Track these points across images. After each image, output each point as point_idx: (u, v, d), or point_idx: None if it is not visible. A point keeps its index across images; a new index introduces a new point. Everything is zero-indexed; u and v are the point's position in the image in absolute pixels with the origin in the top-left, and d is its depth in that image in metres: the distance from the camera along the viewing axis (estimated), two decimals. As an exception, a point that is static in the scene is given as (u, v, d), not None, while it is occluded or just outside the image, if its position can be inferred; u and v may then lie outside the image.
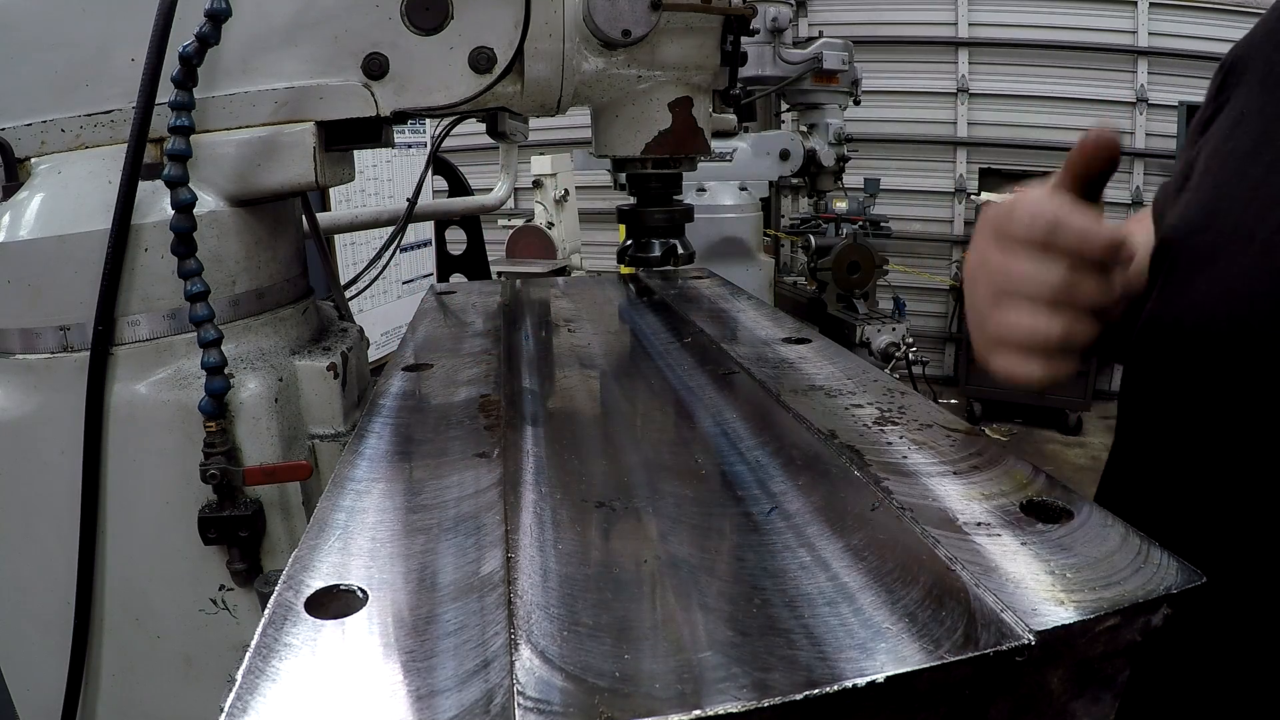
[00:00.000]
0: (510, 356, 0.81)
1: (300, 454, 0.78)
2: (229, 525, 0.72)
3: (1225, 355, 0.52)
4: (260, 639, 0.35)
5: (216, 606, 0.76)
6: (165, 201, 0.69)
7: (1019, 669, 0.34)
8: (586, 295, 1.14)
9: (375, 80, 0.76)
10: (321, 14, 0.74)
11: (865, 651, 0.33)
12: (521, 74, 0.84)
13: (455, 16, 0.76)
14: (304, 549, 0.43)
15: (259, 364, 0.76)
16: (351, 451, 0.57)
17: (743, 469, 0.53)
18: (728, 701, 0.30)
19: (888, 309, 4.84)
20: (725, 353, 0.79)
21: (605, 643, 0.34)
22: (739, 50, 1.02)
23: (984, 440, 0.56)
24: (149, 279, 0.71)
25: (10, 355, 0.72)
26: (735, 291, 1.11)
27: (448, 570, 0.41)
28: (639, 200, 1.09)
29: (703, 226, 2.28)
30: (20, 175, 0.74)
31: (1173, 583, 0.37)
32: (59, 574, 0.73)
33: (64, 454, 0.71)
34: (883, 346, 4.07)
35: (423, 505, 0.48)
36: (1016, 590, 0.37)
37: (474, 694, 0.31)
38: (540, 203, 5.07)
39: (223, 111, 0.74)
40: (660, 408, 0.68)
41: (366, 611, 0.37)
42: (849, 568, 0.40)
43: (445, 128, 1.54)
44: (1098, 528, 0.43)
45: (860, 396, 0.66)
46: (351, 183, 0.89)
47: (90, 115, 0.74)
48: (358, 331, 0.93)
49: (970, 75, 5.81)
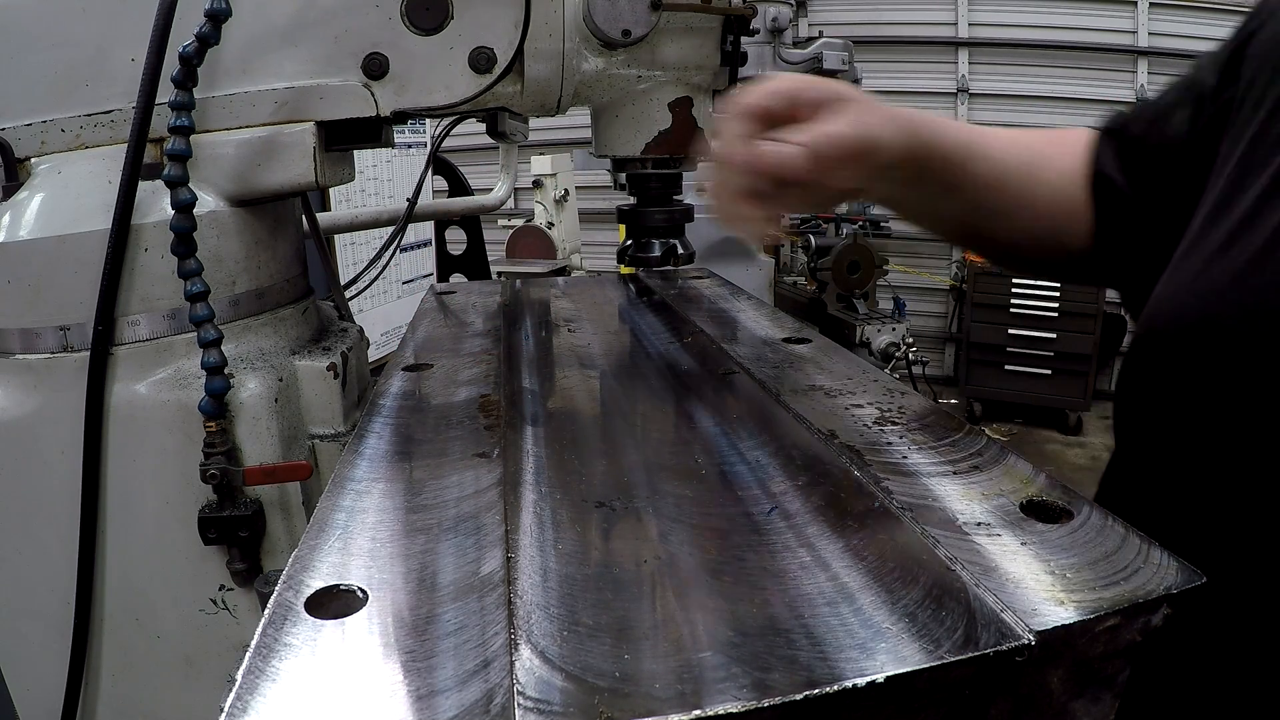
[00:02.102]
0: (510, 356, 0.81)
1: (300, 454, 0.78)
2: (229, 525, 0.72)
3: (1194, 353, 0.52)
4: (260, 639, 0.35)
5: (216, 606, 0.76)
6: (165, 201, 0.69)
7: (1019, 669, 0.34)
8: (586, 295, 1.14)
9: (375, 80, 0.76)
10: (321, 14, 0.74)
11: (865, 651, 0.33)
12: (521, 74, 0.84)
13: (455, 16, 0.76)
14: (304, 549, 0.43)
15: (259, 364, 0.76)
16: (351, 451, 0.57)
17: (743, 469, 0.53)
18: (728, 701, 0.30)
19: (888, 309, 4.84)
20: (725, 353, 0.79)
21: (605, 643, 0.34)
22: (739, 50, 1.02)
23: (984, 440, 0.56)
24: (149, 279, 0.71)
25: (10, 355, 0.72)
26: (735, 291, 1.11)
27: (448, 570, 0.41)
28: (639, 200, 1.09)
29: (703, 226, 2.28)
30: (20, 175, 0.74)
31: (1173, 583, 0.37)
32: (59, 574, 0.73)
33: (64, 454, 0.71)
34: (883, 346, 4.07)
35: (423, 505, 0.48)
36: (1016, 590, 0.37)
37: (474, 694, 0.31)
38: (540, 203, 5.07)
39: (223, 111, 0.74)
40: (660, 408, 0.68)
41: (366, 611, 0.37)
42: (849, 568, 0.40)
43: (445, 128, 1.54)
44: (1098, 528, 0.43)
45: (860, 396, 0.66)
46: (351, 183, 0.89)
47: (90, 115, 0.74)
48: (358, 331, 0.93)
49: (970, 75, 5.81)
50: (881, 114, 0.61)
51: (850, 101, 0.60)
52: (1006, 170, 0.68)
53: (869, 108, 0.61)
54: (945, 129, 0.66)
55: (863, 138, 0.59)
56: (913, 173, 0.64)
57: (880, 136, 0.60)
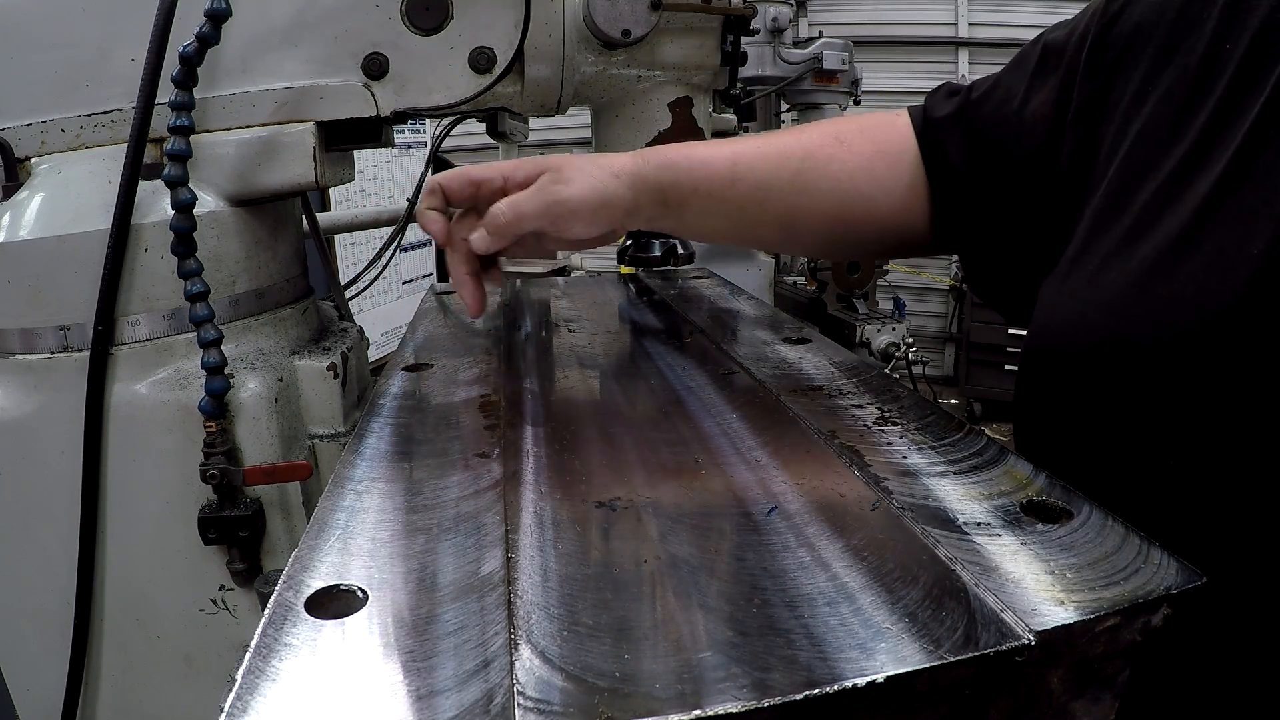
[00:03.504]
0: (510, 356, 0.81)
1: (300, 454, 0.78)
2: (229, 525, 0.72)
3: (1105, 371, 0.50)
4: (260, 639, 0.35)
5: (216, 606, 0.76)
6: (165, 201, 0.69)
7: (1019, 669, 0.34)
8: (586, 295, 1.14)
9: (375, 80, 0.76)
10: (321, 14, 0.75)
11: (865, 651, 0.33)
12: (521, 74, 0.84)
13: (455, 16, 0.76)
14: (304, 549, 0.43)
15: (259, 364, 0.76)
16: (351, 451, 0.57)
17: (743, 469, 0.53)
18: (728, 701, 0.30)
19: (888, 309, 4.84)
20: (725, 353, 0.79)
21: (605, 643, 0.34)
22: (739, 50, 1.03)
23: (984, 440, 0.56)
24: (149, 279, 0.71)
25: (10, 355, 0.72)
26: (735, 291, 1.11)
27: (448, 570, 0.41)
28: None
29: (703, 226, 2.26)
30: (20, 175, 0.74)
31: (1173, 583, 0.37)
32: (59, 574, 0.73)
33: (64, 454, 0.71)
34: (883, 346, 4.07)
35: (423, 505, 0.48)
36: (1016, 590, 0.37)
37: (474, 694, 0.31)
38: (540, 203, 5.06)
39: (223, 111, 0.75)
40: (660, 408, 0.68)
41: (366, 611, 0.37)
42: (849, 568, 0.40)
43: (445, 128, 1.54)
44: (1098, 527, 0.43)
45: (860, 396, 0.66)
46: (351, 183, 0.90)
47: (90, 115, 0.74)
48: (358, 331, 0.93)
49: (970, 75, 5.79)
50: (598, 170, 0.67)
51: (561, 169, 0.67)
52: (776, 184, 0.70)
53: (580, 169, 0.67)
54: (692, 160, 0.70)
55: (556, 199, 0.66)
56: (656, 211, 0.70)
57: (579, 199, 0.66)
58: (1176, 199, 0.49)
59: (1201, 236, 0.47)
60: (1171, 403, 0.47)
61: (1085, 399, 0.52)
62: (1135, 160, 0.54)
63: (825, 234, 0.72)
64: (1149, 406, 0.48)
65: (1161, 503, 0.47)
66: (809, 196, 0.70)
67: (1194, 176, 0.49)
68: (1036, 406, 0.58)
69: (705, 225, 0.73)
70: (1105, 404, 0.51)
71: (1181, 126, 0.51)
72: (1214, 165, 0.48)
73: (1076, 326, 0.53)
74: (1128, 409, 0.49)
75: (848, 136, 0.72)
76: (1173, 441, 0.47)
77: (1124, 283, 0.50)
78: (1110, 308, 0.51)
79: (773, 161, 0.70)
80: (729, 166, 0.69)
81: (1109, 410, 0.51)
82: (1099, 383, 0.51)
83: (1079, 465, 0.51)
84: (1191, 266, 0.47)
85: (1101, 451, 0.52)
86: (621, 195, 0.67)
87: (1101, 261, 0.53)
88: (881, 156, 0.70)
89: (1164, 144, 0.52)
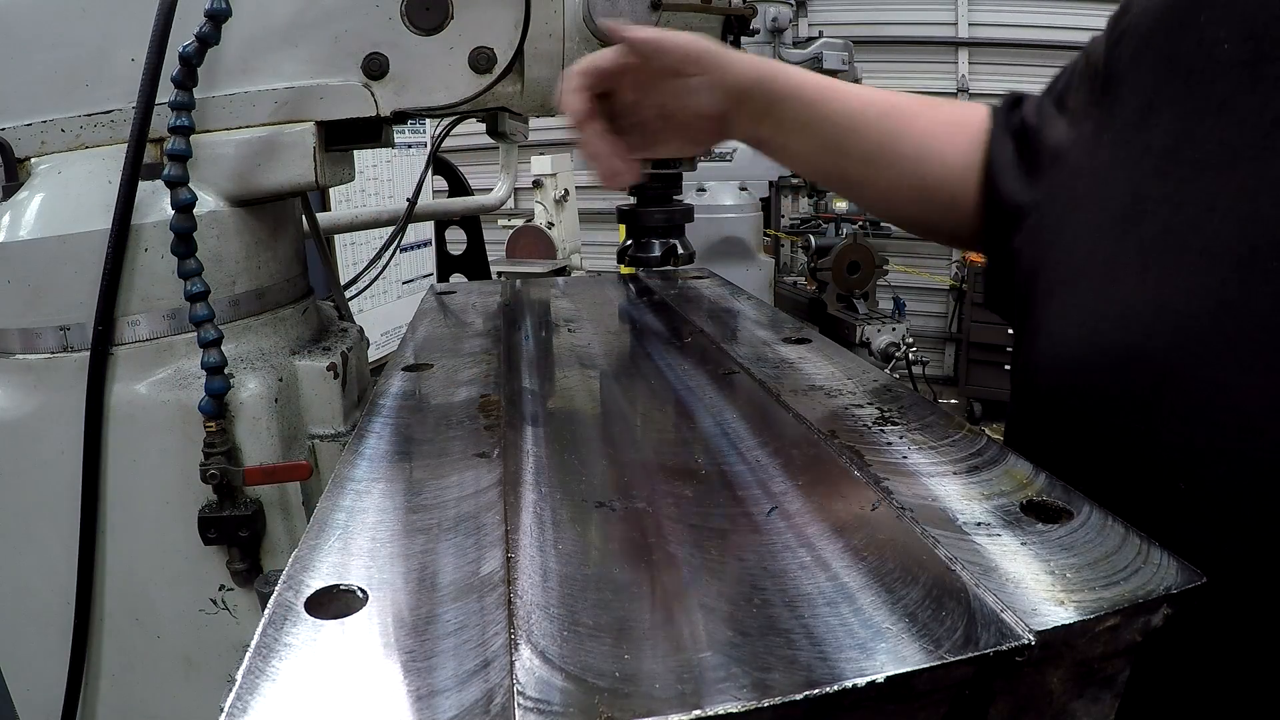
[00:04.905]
0: (510, 356, 0.81)
1: (300, 454, 0.78)
2: (229, 525, 0.72)
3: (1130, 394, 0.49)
4: (260, 639, 0.35)
5: (216, 606, 0.76)
6: (165, 201, 0.69)
7: (1019, 669, 0.34)
8: (586, 295, 1.14)
9: (375, 80, 0.77)
10: (321, 14, 0.75)
11: (865, 651, 0.33)
12: (521, 74, 0.84)
13: (455, 16, 0.76)
14: (304, 549, 0.43)
15: (259, 364, 0.76)
16: (351, 451, 0.57)
17: (743, 469, 0.53)
18: (728, 701, 0.30)
19: (888, 309, 4.85)
20: (725, 353, 0.79)
21: (605, 643, 0.34)
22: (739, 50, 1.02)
23: (984, 440, 0.56)
24: (149, 279, 0.71)
25: (10, 355, 0.72)
26: (735, 291, 1.11)
27: (448, 570, 0.41)
28: (638, 200, 1.09)
29: (703, 226, 2.27)
30: (20, 175, 0.74)
31: (1173, 583, 0.37)
32: (59, 574, 0.73)
33: (64, 454, 0.71)
34: (883, 346, 4.08)
35: (423, 505, 0.48)
36: (1016, 590, 0.37)
37: (474, 694, 0.31)
38: (540, 203, 5.07)
39: (223, 111, 0.75)
40: (660, 408, 0.68)
41: (366, 611, 0.37)
42: (849, 568, 0.40)
43: (445, 128, 1.54)
44: (1098, 527, 0.43)
45: (860, 396, 0.66)
46: (351, 183, 0.90)
47: (90, 115, 0.74)
48: (358, 331, 0.93)
49: (970, 75, 5.81)
50: (731, 50, 0.71)
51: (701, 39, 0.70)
52: (865, 116, 0.72)
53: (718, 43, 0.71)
54: (797, 70, 0.73)
55: (697, 43, 0.69)
56: (763, 104, 0.71)
57: (722, 51, 0.70)
58: (1188, 208, 0.49)
59: (1216, 248, 0.46)
60: (1186, 418, 0.46)
61: (1096, 413, 0.52)
62: (1144, 171, 0.53)
63: (904, 187, 0.73)
64: (1163, 422, 0.47)
65: (1165, 518, 0.46)
66: (893, 140, 0.71)
67: (1207, 186, 0.49)
68: (1037, 419, 0.58)
69: (797, 141, 0.75)
70: (1115, 420, 0.50)
71: (1191, 135, 0.51)
72: (1229, 175, 0.47)
73: (1089, 339, 0.52)
74: (1139, 425, 0.49)
75: (934, 101, 0.74)
76: (1185, 461, 0.47)
77: (1138, 295, 0.50)
78: (1124, 320, 0.50)
79: (864, 98, 0.72)
80: (825, 85, 0.72)
81: (1120, 426, 0.50)
82: (1111, 396, 0.50)
83: (1079, 474, 0.51)
84: (1208, 280, 0.46)
85: (1106, 466, 0.51)
86: (737, 65, 0.70)
87: (1110, 274, 0.52)
88: (962, 130, 0.71)
89: (1172, 154, 0.51)
